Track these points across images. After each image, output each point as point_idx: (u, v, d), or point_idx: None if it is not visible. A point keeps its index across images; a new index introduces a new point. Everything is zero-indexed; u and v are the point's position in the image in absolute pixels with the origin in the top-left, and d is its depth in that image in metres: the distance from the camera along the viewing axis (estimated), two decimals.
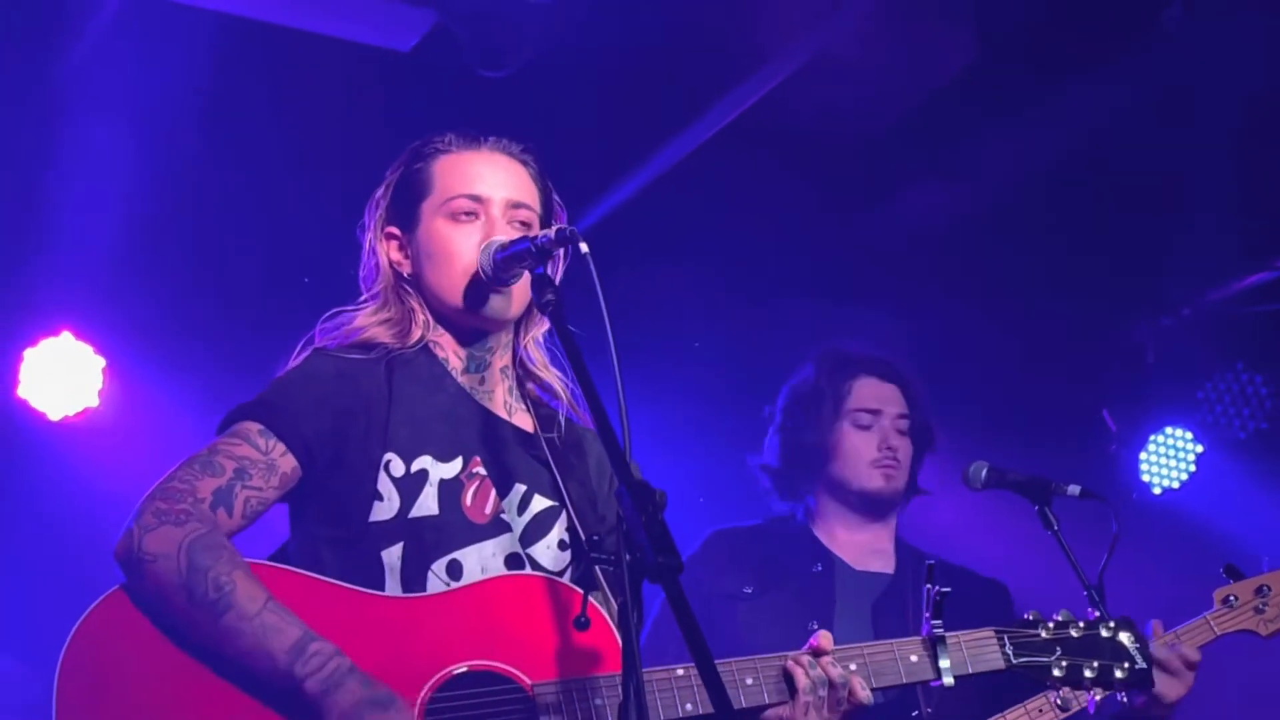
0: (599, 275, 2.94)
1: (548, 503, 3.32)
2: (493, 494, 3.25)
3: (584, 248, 3.00)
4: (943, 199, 6.41)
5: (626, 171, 6.08)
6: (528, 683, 3.02)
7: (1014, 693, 4.28)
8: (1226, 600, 4.17)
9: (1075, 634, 3.54)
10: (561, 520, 3.31)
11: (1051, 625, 3.54)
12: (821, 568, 4.75)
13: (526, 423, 3.41)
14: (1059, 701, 3.48)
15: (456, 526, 3.19)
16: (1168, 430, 7.06)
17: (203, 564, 2.92)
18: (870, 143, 6.00)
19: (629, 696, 2.63)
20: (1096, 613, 3.65)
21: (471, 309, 3.30)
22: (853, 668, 3.30)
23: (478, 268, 3.25)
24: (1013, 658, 3.47)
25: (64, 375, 5.75)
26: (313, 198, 5.44)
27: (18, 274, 5.65)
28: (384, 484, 3.17)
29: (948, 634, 3.43)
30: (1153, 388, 7.08)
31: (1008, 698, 4.26)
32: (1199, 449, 7.04)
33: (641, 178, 6.08)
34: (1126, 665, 3.54)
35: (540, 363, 3.45)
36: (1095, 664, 3.52)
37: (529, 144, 3.45)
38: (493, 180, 3.35)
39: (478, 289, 3.28)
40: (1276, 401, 6.86)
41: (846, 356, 4.98)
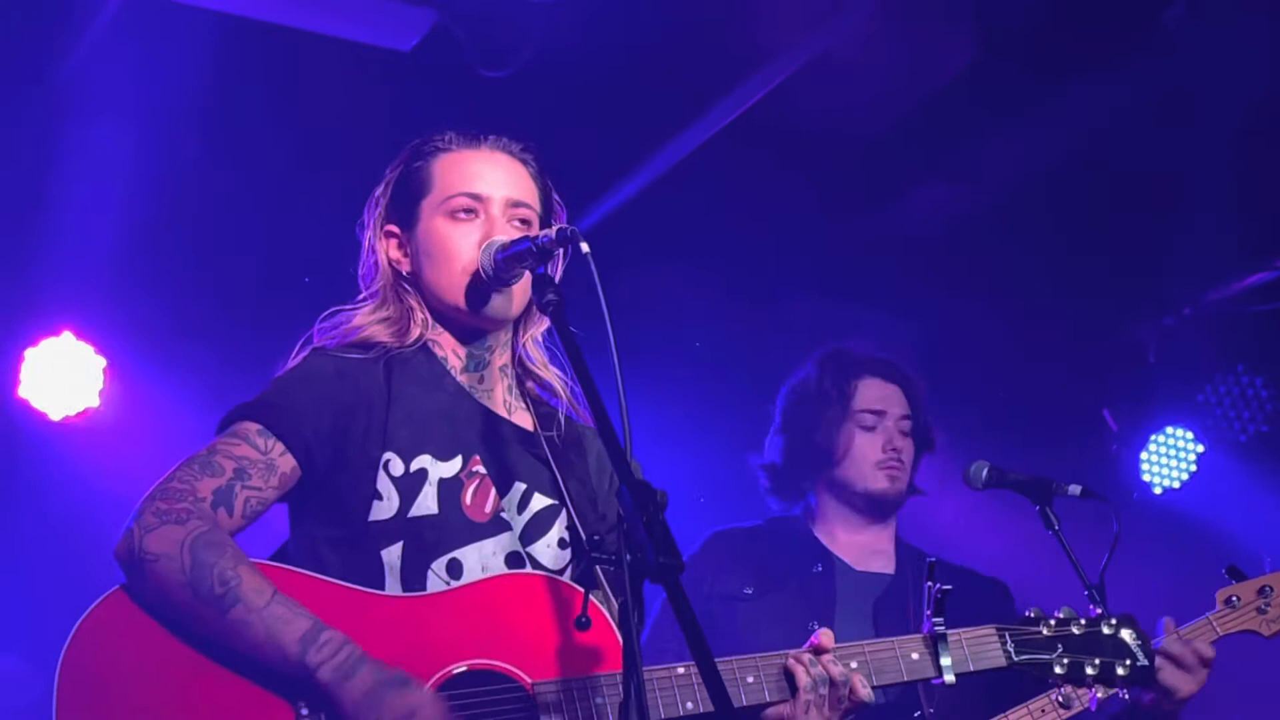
0: (600, 275, 2.94)
1: (548, 501, 3.31)
2: (492, 493, 3.25)
3: (585, 247, 3.00)
4: (944, 199, 6.40)
5: (628, 171, 6.08)
6: (528, 681, 3.01)
7: (1017, 693, 4.29)
8: (1229, 601, 4.16)
9: (1077, 631, 3.52)
10: (561, 518, 3.30)
11: (1053, 622, 3.52)
12: (821, 568, 4.74)
13: (526, 421, 3.40)
14: (1060, 699, 3.47)
15: (456, 525, 3.18)
16: (1169, 430, 7.06)
17: (207, 560, 2.92)
18: (871, 143, 5.99)
19: (630, 696, 2.63)
20: (1098, 610, 3.63)
21: (472, 308, 3.29)
22: (854, 665, 3.29)
23: (478, 267, 3.25)
24: (1014, 655, 3.46)
25: (65, 375, 5.74)
26: (313, 198, 5.44)
27: (19, 273, 5.64)
28: (383, 483, 3.16)
29: (949, 631, 3.41)
30: (1154, 387, 7.08)
31: (1010, 698, 4.26)
32: (1200, 449, 7.04)
33: (643, 177, 6.07)
34: (1128, 662, 3.53)
35: (539, 361, 3.45)
36: (1097, 661, 3.50)
37: (529, 143, 3.45)
38: (493, 179, 3.35)
39: (478, 288, 3.27)
40: (1277, 404, 6.86)
41: (850, 356, 4.97)
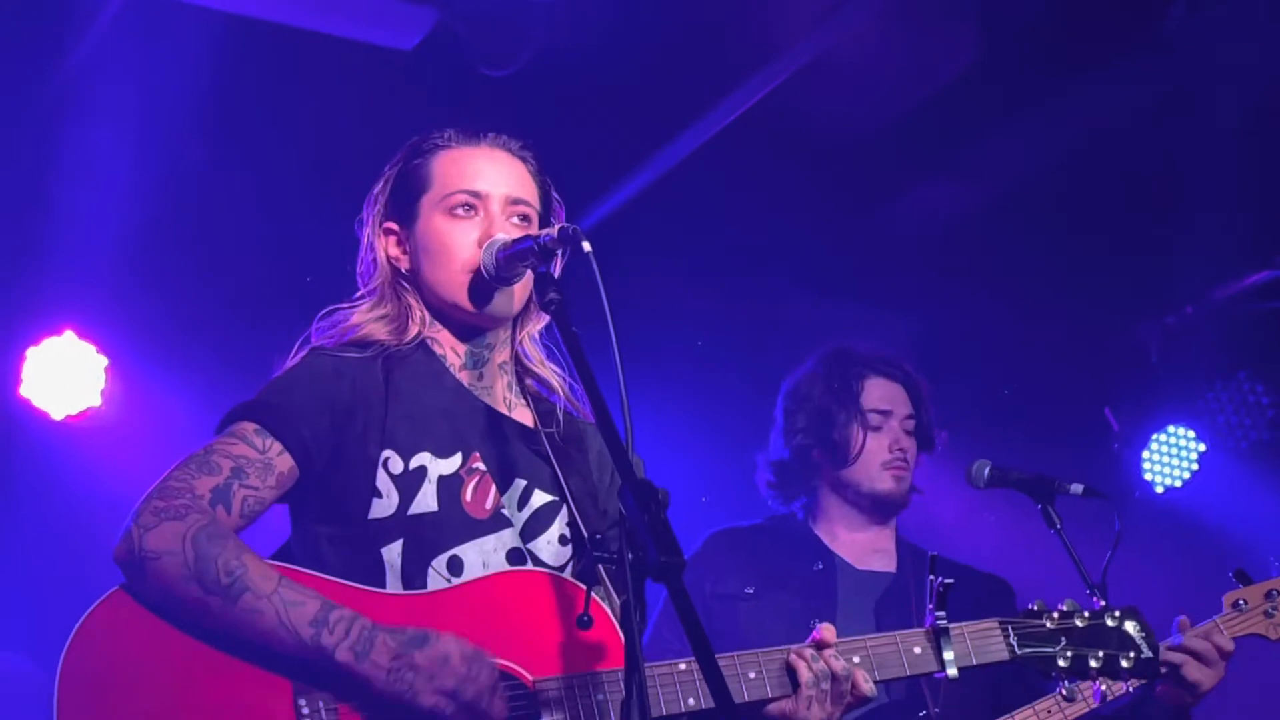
0: (601, 274, 2.93)
1: (548, 497, 3.31)
2: (493, 489, 3.24)
3: (587, 246, 2.99)
4: (946, 198, 6.40)
5: (629, 170, 6.08)
6: (529, 678, 3.01)
7: (1023, 694, 4.28)
8: (1236, 604, 4.16)
9: (1080, 624, 3.50)
10: (562, 515, 3.30)
11: (1056, 615, 3.50)
12: (822, 566, 4.74)
13: (526, 417, 3.40)
14: (1064, 692, 3.46)
15: (456, 522, 3.18)
16: (1170, 429, 7.05)
17: (210, 552, 2.91)
18: (873, 142, 5.99)
19: (632, 694, 2.62)
20: (1101, 603, 3.61)
21: (473, 306, 3.29)
22: (856, 660, 3.28)
23: (479, 265, 3.25)
24: (1017, 648, 3.44)
25: (67, 374, 5.75)
26: (315, 197, 5.43)
27: (21, 273, 5.65)
28: (382, 481, 3.16)
29: (951, 625, 3.39)
30: (1156, 386, 7.07)
31: (1016, 699, 4.26)
32: (1201, 448, 7.03)
33: (644, 176, 6.07)
34: (1133, 654, 3.50)
35: (537, 359, 3.45)
36: (1101, 653, 3.48)
37: (528, 140, 3.45)
38: (492, 176, 3.34)
39: (480, 286, 3.27)
40: (1278, 412, 6.85)
41: (854, 355, 4.95)
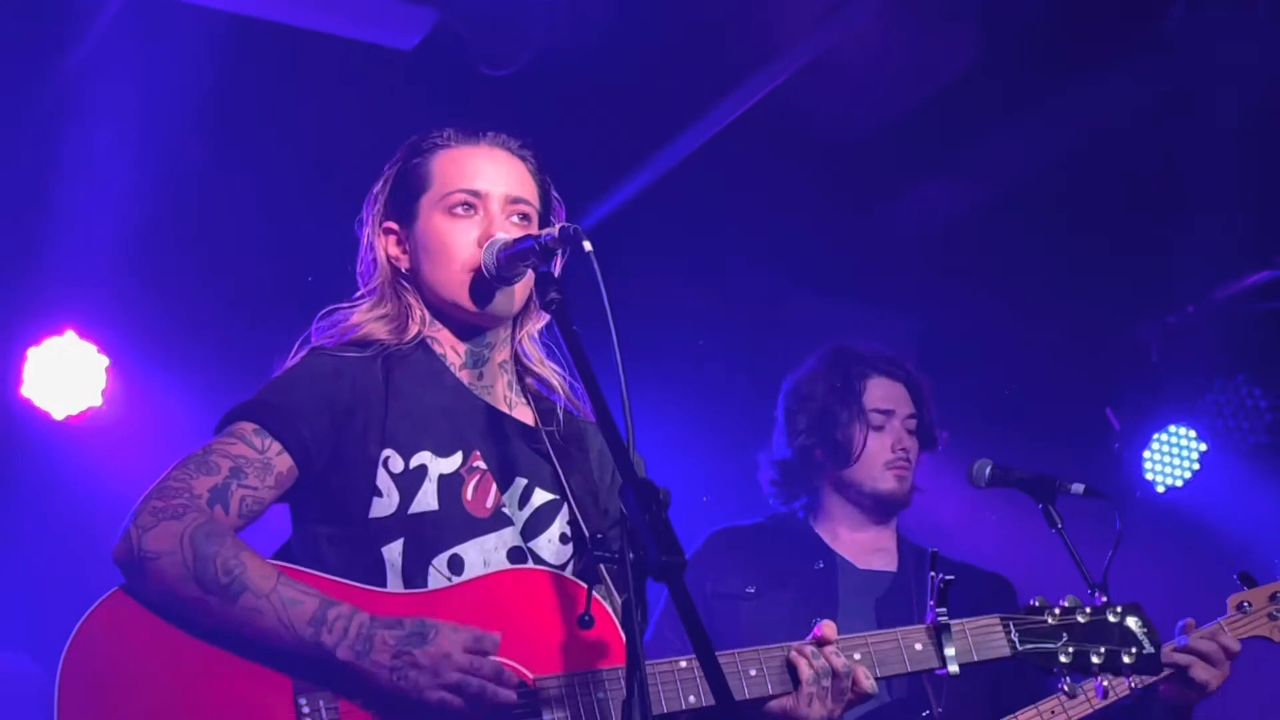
0: (602, 273, 2.93)
1: (549, 496, 3.31)
2: (493, 488, 3.24)
3: (587, 246, 2.99)
4: (947, 198, 6.40)
5: (630, 169, 6.08)
6: (529, 676, 3.01)
7: (1026, 694, 4.28)
8: (1240, 606, 4.16)
9: (1082, 620, 3.48)
10: (563, 513, 3.30)
11: (1058, 611, 3.49)
12: (823, 565, 4.73)
13: (527, 416, 3.40)
14: (1065, 688, 3.44)
15: (457, 521, 3.18)
16: (1171, 429, 7.05)
17: (208, 551, 2.91)
18: (874, 142, 5.99)
19: (633, 693, 2.61)
20: (1103, 598, 3.60)
21: (473, 305, 3.29)
22: (857, 657, 3.27)
23: (480, 264, 3.25)
24: (1019, 644, 3.43)
25: (68, 374, 5.75)
26: (315, 197, 5.43)
27: (22, 272, 5.65)
28: (383, 480, 3.16)
29: (952, 622, 3.38)
30: (1157, 386, 7.07)
31: (1020, 699, 4.25)
32: (1203, 447, 7.02)
33: (645, 176, 6.07)
34: (1134, 650, 3.49)
35: (536, 358, 3.45)
36: (1102, 649, 3.47)
37: (527, 139, 3.45)
38: (492, 175, 3.34)
39: (480, 286, 3.27)
40: (1277, 415, 6.85)
41: (855, 354, 4.94)
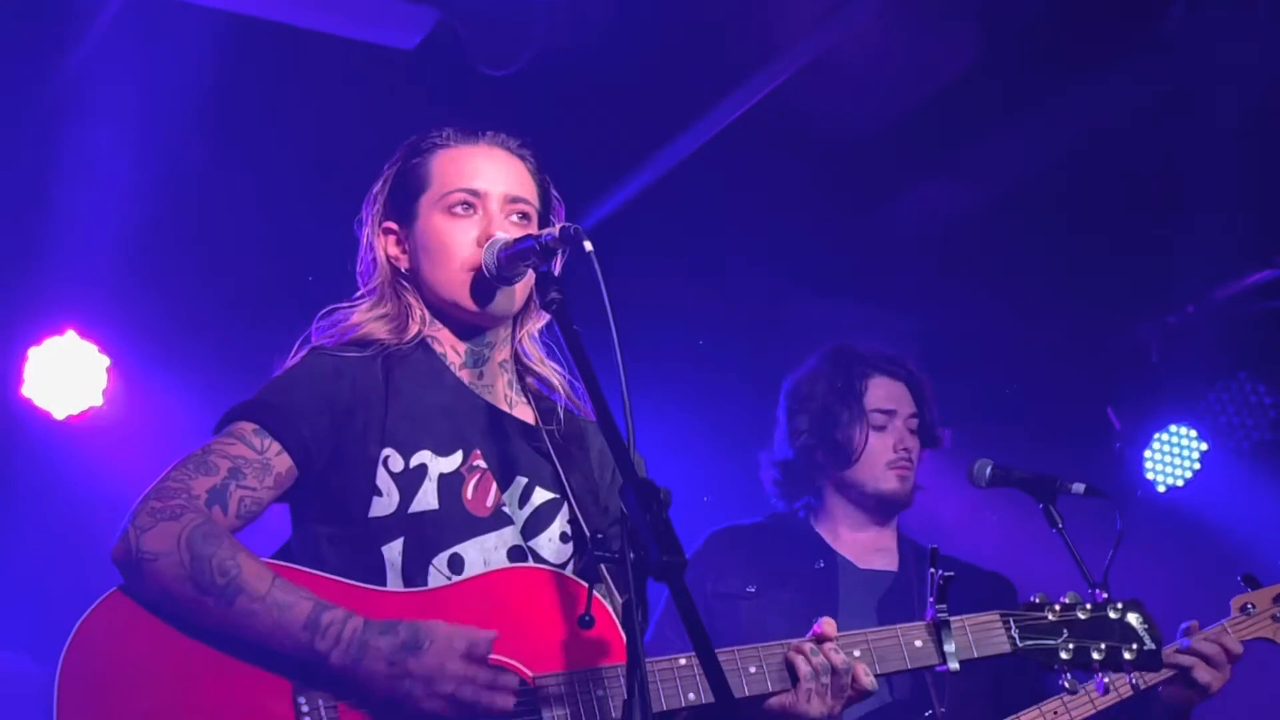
0: (603, 273, 2.93)
1: (549, 495, 3.31)
2: (494, 487, 3.24)
3: (588, 246, 2.99)
4: (947, 198, 6.40)
5: (630, 169, 6.07)
6: (528, 674, 3.01)
7: (1029, 695, 4.28)
8: (1244, 608, 4.16)
9: (1082, 616, 3.48)
10: (563, 512, 3.30)
11: (1058, 607, 3.48)
12: (824, 564, 4.73)
13: (527, 415, 3.40)
14: (1066, 684, 3.44)
15: (457, 520, 3.18)
16: (1172, 428, 7.05)
17: (205, 552, 2.91)
18: (874, 142, 5.98)
19: (633, 693, 2.61)
20: (1104, 595, 3.58)
21: (474, 305, 3.29)
22: (856, 654, 3.28)
23: (480, 264, 3.25)
24: (1019, 640, 3.42)
25: (68, 374, 5.74)
26: (315, 196, 5.43)
27: (22, 272, 5.65)
28: (383, 479, 3.16)
29: (952, 618, 3.37)
30: (1157, 385, 7.07)
31: (1023, 699, 4.25)
32: (1203, 447, 7.02)
33: (646, 175, 6.07)
34: (1135, 646, 3.48)
35: (536, 357, 3.45)
36: (1103, 645, 3.46)
37: (527, 139, 3.45)
38: (491, 175, 3.34)
39: (481, 285, 3.27)
40: None
41: (856, 354, 4.94)
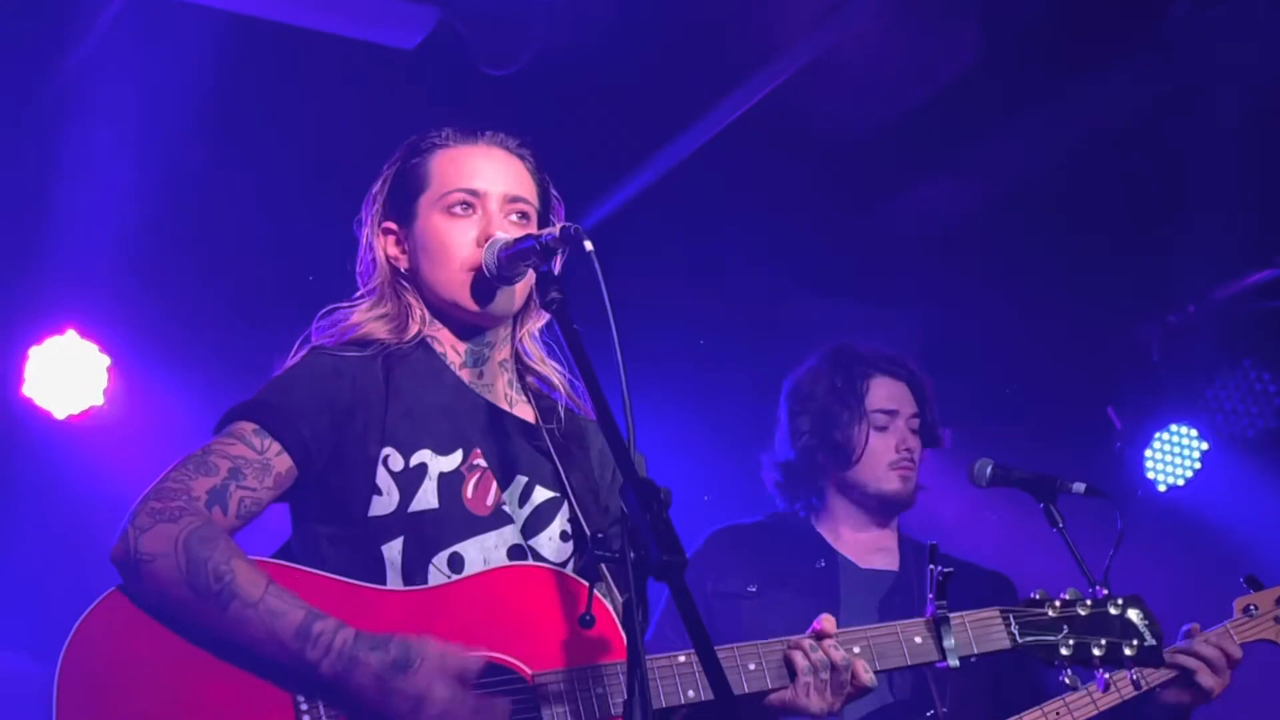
0: (603, 273, 2.93)
1: (549, 494, 3.31)
2: (494, 486, 3.24)
3: (589, 246, 2.99)
4: (947, 197, 6.40)
5: (630, 169, 6.07)
6: (528, 673, 3.01)
7: (1032, 695, 4.28)
8: (1247, 610, 4.15)
9: (1083, 612, 3.47)
10: (563, 511, 3.30)
11: (1058, 604, 3.48)
12: (825, 564, 4.73)
13: (528, 414, 3.40)
14: (1067, 680, 3.43)
15: (457, 519, 3.18)
16: (1173, 428, 7.05)
17: (200, 556, 2.91)
18: (875, 141, 5.98)
19: (634, 693, 2.61)
20: (1104, 591, 3.57)
21: (474, 305, 3.29)
22: (856, 650, 3.28)
23: (481, 264, 3.25)
24: (1019, 637, 3.41)
25: (69, 373, 5.74)
26: (316, 196, 5.43)
27: (23, 272, 5.65)
28: (382, 479, 3.16)
29: (952, 614, 3.37)
30: (1158, 385, 7.06)
31: (1025, 700, 4.25)
32: (1204, 446, 7.02)
33: (645, 175, 6.07)
34: (1135, 642, 3.47)
35: (537, 356, 3.45)
36: (1104, 641, 3.45)
37: (526, 138, 3.45)
38: (490, 175, 3.34)
39: (481, 285, 3.27)
40: None
41: (857, 354, 4.93)
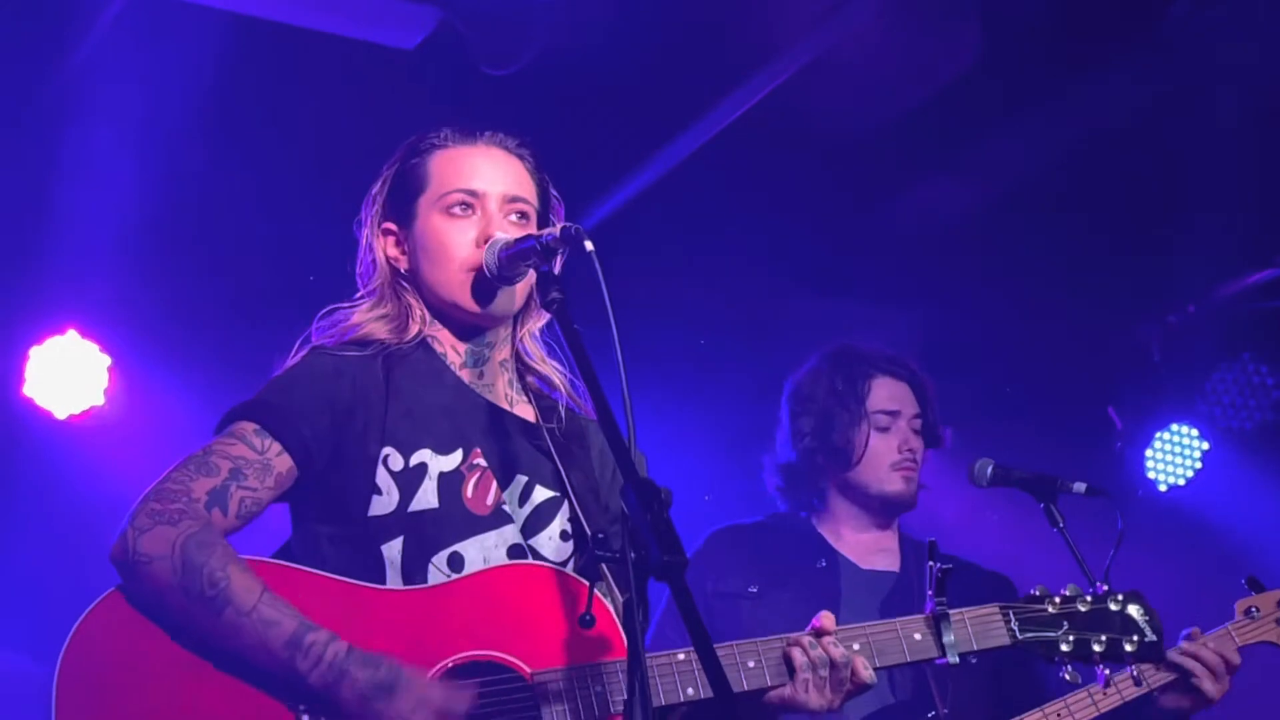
0: (604, 273, 2.93)
1: (549, 493, 3.31)
2: (494, 485, 3.24)
3: (589, 246, 2.99)
4: (948, 197, 6.40)
5: (631, 169, 6.07)
6: (527, 671, 3.01)
7: (1033, 696, 4.28)
8: (1248, 612, 4.15)
9: (1083, 608, 3.47)
10: (564, 511, 3.30)
11: (1058, 600, 3.47)
12: (825, 564, 4.73)
13: (528, 413, 3.40)
14: (1067, 676, 3.43)
15: (457, 519, 3.18)
16: (1173, 427, 7.04)
17: (197, 561, 2.91)
18: (875, 140, 5.98)
19: (634, 693, 2.61)
20: (1105, 587, 3.57)
21: (475, 305, 3.29)
22: (855, 647, 3.28)
23: (481, 264, 3.25)
24: (1018, 633, 3.41)
25: (70, 373, 5.74)
26: (317, 196, 5.42)
27: (23, 272, 5.65)
28: (382, 478, 3.16)
29: (951, 611, 3.37)
30: (1158, 385, 7.06)
31: (1027, 701, 4.25)
32: (1205, 446, 7.02)
33: (646, 175, 6.07)
34: (1136, 638, 3.47)
35: (538, 356, 3.45)
36: (1104, 637, 3.45)
37: (525, 138, 3.45)
38: (489, 175, 3.34)
39: (482, 285, 3.27)
40: None
41: (859, 354, 4.92)
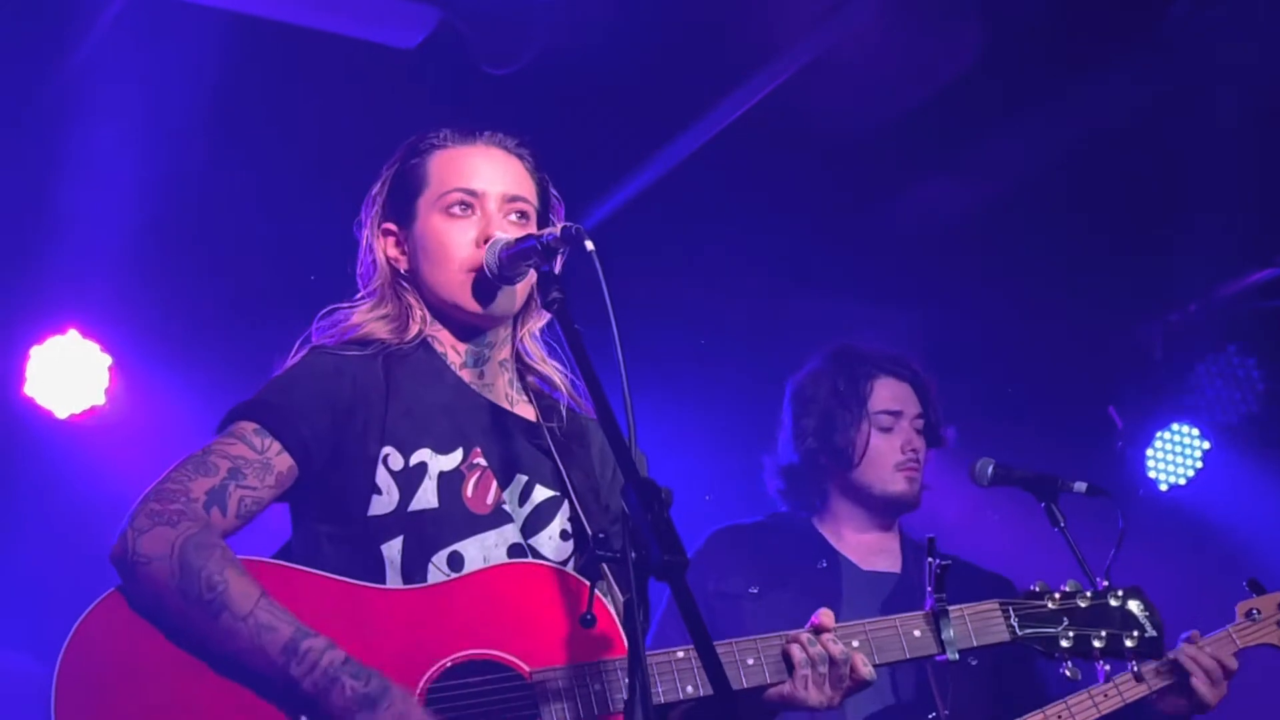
0: (604, 273, 2.93)
1: (549, 493, 3.31)
2: (494, 484, 3.25)
3: (589, 245, 2.99)
4: (948, 197, 6.40)
5: (631, 169, 6.07)
6: (526, 670, 3.01)
7: (1034, 697, 4.27)
8: (1249, 614, 4.15)
9: (1083, 604, 3.46)
10: (564, 510, 3.30)
11: (1058, 596, 3.47)
12: (826, 564, 4.73)
13: (529, 413, 3.40)
14: (1067, 672, 3.43)
15: (457, 518, 3.18)
16: (1174, 427, 7.04)
17: (195, 564, 2.91)
18: (875, 141, 5.98)
19: (634, 693, 2.62)
20: (1104, 583, 3.56)
21: (475, 305, 3.29)
22: (855, 644, 3.27)
23: (482, 264, 3.25)
24: (1018, 629, 3.41)
25: (70, 373, 5.75)
26: (318, 195, 5.42)
27: (24, 271, 5.65)
28: (382, 478, 3.16)
29: (951, 607, 3.36)
30: (1159, 384, 7.06)
31: (1028, 702, 4.24)
32: (1206, 445, 7.02)
33: (646, 175, 6.07)
34: (1136, 634, 3.47)
35: (538, 356, 3.45)
36: (1104, 633, 3.45)
37: (525, 137, 3.45)
38: (489, 174, 3.35)
39: (482, 285, 3.27)
40: (1269, 385, 6.83)
41: (860, 354, 4.92)
